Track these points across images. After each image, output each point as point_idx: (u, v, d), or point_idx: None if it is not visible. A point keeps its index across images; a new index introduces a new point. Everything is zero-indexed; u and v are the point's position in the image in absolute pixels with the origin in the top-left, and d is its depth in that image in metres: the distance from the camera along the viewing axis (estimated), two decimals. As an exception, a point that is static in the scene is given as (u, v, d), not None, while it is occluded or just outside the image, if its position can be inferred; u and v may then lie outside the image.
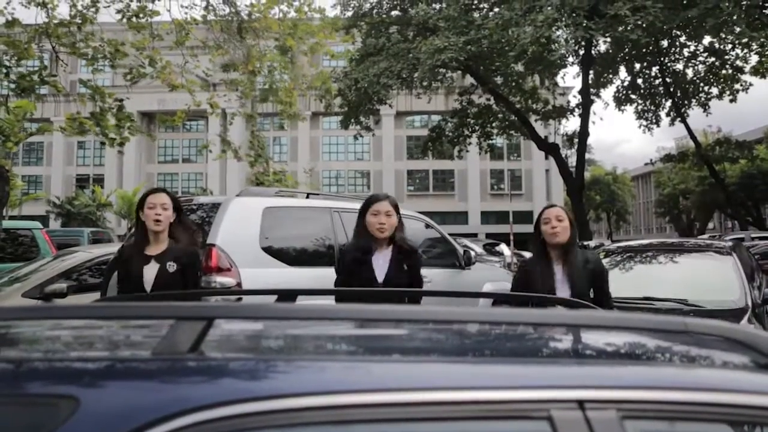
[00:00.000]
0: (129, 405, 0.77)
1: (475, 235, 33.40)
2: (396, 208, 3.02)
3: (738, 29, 13.01)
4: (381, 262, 2.93)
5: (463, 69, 16.62)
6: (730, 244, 4.97)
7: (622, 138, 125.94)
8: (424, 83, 15.79)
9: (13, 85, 7.43)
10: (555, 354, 1.14)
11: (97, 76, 8.63)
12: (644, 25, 12.44)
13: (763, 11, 13.54)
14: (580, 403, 0.81)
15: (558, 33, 13.71)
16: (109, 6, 7.77)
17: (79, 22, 7.64)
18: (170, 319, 0.95)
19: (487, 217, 41.45)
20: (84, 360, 0.94)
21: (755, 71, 16.87)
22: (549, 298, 2.25)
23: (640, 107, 20.84)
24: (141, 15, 7.88)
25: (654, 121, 20.78)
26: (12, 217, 23.82)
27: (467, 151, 21.43)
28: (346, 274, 2.95)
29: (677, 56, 19.09)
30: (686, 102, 20.10)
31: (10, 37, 7.58)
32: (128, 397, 0.79)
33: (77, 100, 9.08)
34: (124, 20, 7.88)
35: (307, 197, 4.95)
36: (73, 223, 31.12)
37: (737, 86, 18.34)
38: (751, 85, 18.21)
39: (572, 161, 20.76)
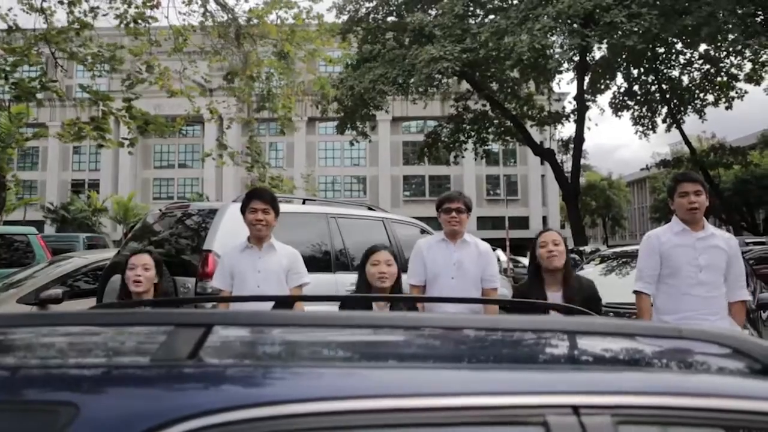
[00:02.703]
0: (128, 411, 0.77)
1: (471, 240, 33.29)
2: (395, 257, 3.01)
3: (732, 36, 13.13)
4: None
5: (459, 75, 16.69)
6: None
7: (622, 143, 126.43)
8: (420, 89, 15.86)
9: (13, 92, 7.42)
10: (550, 360, 1.15)
11: (94, 81, 8.63)
12: (640, 32, 12.53)
13: (756, 19, 13.67)
14: (575, 409, 0.82)
15: (553, 39, 13.80)
16: (107, 14, 7.78)
17: (78, 27, 7.64)
18: (169, 326, 0.95)
19: (483, 222, 41.48)
20: (83, 367, 0.94)
21: (749, 78, 17.02)
22: (544, 305, 2.26)
23: (636, 113, 20.97)
24: (139, 21, 7.89)
25: (650, 127, 20.91)
26: (8, 222, 23.73)
27: (463, 156, 21.49)
28: None
29: (673, 63, 19.24)
30: (682, 108, 20.23)
31: (10, 44, 7.58)
32: (127, 404, 0.79)
33: (76, 105, 9.07)
34: (122, 26, 7.89)
35: (304, 203, 4.95)
36: (68, 228, 30.99)
37: (732, 93, 18.49)
38: (746, 92, 18.36)
39: (568, 167, 20.84)
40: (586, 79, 18.60)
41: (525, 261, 21.95)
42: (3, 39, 7.86)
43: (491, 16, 16.19)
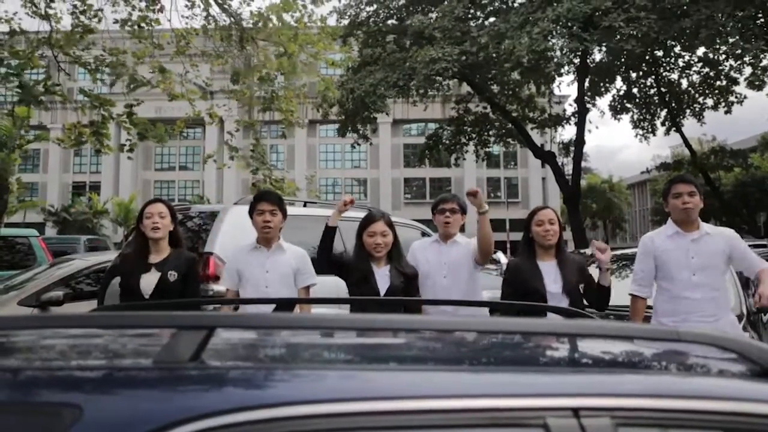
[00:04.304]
0: (131, 413, 0.78)
1: (472, 243, 33.31)
2: (391, 226, 3.12)
3: (731, 40, 13.12)
4: (380, 279, 3.08)
5: (459, 77, 16.70)
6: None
7: (624, 144, 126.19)
8: (420, 91, 15.88)
9: (18, 95, 7.43)
10: (550, 362, 1.15)
11: (96, 84, 8.65)
12: (639, 36, 12.53)
13: (756, 22, 13.66)
14: (575, 411, 0.83)
15: (553, 42, 13.80)
16: (117, 22, 7.80)
17: (82, 31, 7.67)
18: (171, 328, 0.96)
19: (483, 224, 41.41)
20: (86, 369, 0.95)
21: (750, 84, 16.97)
22: (544, 307, 2.27)
23: (635, 116, 20.95)
24: (143, 24, 7.92)
25: (650, 130, 20.89)
26: (9, 224, 23.73)
27: (464, 158, 21.46)
28: (353, 287, 3.12)
29: (672, 66, 19.21)
30: (681, 111, 20.21)
31: (13, 47, 7.61)
32: (131, 406, 0.80)
33: (78, 109, 9.09)
34: (127, 29, 7.92)
35: (305, 205, 4.96)
36: (69, 230, 31.02)
37: (732, 98, 18.44)
38: (745, 97, 18.29)
39: (568, 169, 20.81)
40: (587, 81, 18.59)
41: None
42: (6, 42, 7.88)
43: (491, 19, 16.19)
